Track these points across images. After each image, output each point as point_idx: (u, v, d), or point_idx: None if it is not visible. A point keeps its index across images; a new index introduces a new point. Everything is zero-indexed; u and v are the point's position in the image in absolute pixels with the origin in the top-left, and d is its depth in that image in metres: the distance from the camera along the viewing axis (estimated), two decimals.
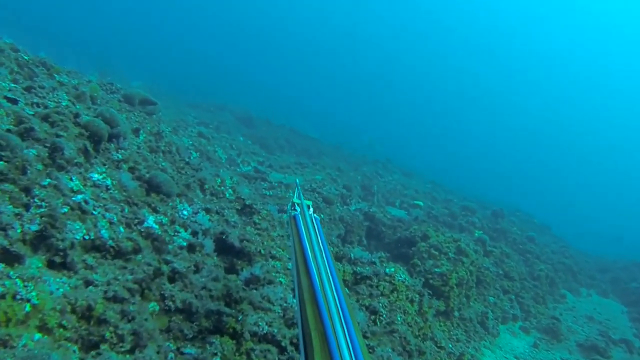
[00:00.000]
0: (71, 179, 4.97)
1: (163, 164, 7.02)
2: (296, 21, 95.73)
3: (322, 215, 11.43)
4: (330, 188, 13.78)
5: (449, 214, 18.36)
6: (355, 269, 7.73)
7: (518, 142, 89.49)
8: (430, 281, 10.15)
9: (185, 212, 6.55)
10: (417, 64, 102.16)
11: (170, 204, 6.24)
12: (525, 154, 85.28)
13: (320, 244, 3.10)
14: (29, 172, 4.46)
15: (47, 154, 4.96)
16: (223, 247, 6.31)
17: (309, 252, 2.94)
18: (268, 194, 10.72)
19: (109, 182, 5.41)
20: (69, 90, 7.42)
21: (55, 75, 7.84)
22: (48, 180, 4.59)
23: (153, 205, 5.82)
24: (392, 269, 7.76)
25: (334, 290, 2.46)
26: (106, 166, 5.88)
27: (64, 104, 6.30)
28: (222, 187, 8.40)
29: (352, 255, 8.54)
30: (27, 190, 4.33)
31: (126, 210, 5.26)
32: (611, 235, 36.71)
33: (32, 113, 5.73)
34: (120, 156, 6.21)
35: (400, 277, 7.69)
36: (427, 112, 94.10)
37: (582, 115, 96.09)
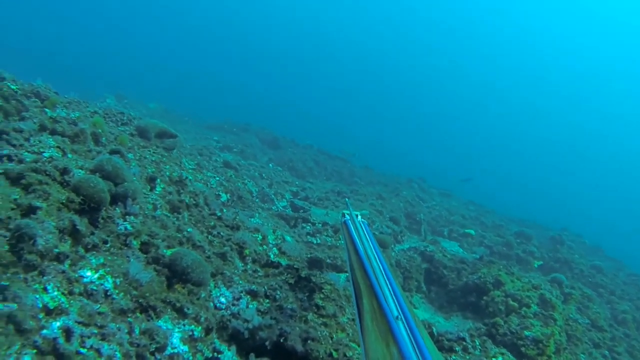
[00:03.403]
0: (45, 289, 3.03)
1: (189, 229, 5.05)
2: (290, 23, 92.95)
3: None
4: (381, 225, 11.80)
5: (503, 243, 16.23)
6: (449, 358, 5.69)
7: (542, 152, 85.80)
8: (522, 349, 8.03)
9: (223, 300, 4.58)
10: (426, 69, 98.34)
11: (202, 294, 4.26)
12: (551, 164, 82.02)
13: (367, 235, 3.95)
14: None
15: (6, 248, 3.04)
16: (280, 353, 4.34)
17: (357, 240, 3.84)
18: (314, 242, 8.75)
19: (109, 282, 3.44)
20: (64, 130, 5.55)
21: (47, 110, 5.97)
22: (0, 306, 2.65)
23: (178, 305, 3.84)
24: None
25: (378, 260, 3.24)
26: (109, 245, 3.95)
27: (46, 154, 4.39)
28: (265, 247, 6.45)
29: (434, 330, 6.51)
30: None
31: (137, 330, 3.27)
32: None
33: (0, 172, 3.86)
34: (129, 227, 4.27)
35: None
36: (434, 120, 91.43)
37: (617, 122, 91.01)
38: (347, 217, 4.67)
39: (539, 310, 9.03)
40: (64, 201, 3.83)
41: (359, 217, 4.65)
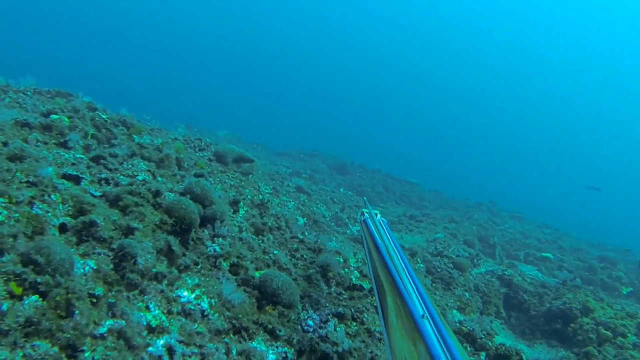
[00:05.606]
0: (147, 307, 3.07)
1: (275, 251, 5.05)
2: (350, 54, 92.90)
3: (458, 288, 9.16)
4: (457, 249, 11.44)
5: (585, 268, 15.15)
6: None
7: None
8: None
9: (310, 323, 4.50)
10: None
11: (292, 316, 4.20)
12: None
13: (387, 233, 3.94)
14: (76, 312, 2.57)
15: (111, 267, 3.12)
16: None
17: (378, 238, 3.78)
18: None
19: (205, 303, 3.46)
20: (151, 155, 5.77)
21: (135, 137, 6.26)
22: (109, 322, 2.69)
23: (270, 326, 3.79)
24: None
25: (400, 259, 3.23)
26: (199, 267, 3.98)
27: (140, 177, 4.55)
28: (346, 270, 6.34)
29: (523, 357, 6.10)
30: (72, 349, 2.44)
31: (234, 351, 3.24)
32: None
33: (99, 194, 4.01)
34: (218, 249, 4.31)
35: None
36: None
37: None
38: (367, 215, 4.62)
39: (635, 340, 8.32)
40: (157, 222, 3.91)
41: (379, 215, 4.64)
